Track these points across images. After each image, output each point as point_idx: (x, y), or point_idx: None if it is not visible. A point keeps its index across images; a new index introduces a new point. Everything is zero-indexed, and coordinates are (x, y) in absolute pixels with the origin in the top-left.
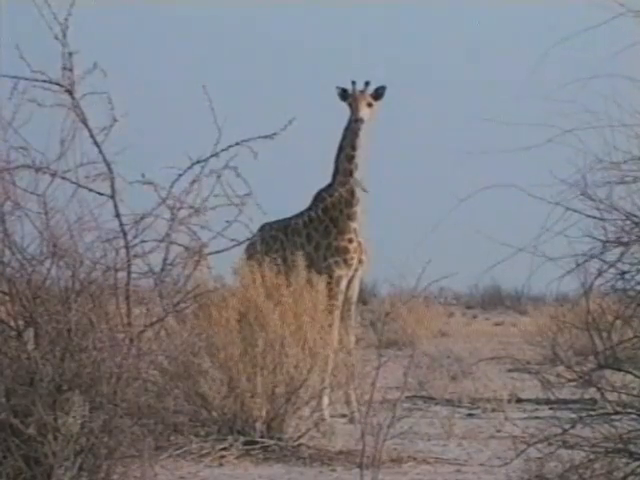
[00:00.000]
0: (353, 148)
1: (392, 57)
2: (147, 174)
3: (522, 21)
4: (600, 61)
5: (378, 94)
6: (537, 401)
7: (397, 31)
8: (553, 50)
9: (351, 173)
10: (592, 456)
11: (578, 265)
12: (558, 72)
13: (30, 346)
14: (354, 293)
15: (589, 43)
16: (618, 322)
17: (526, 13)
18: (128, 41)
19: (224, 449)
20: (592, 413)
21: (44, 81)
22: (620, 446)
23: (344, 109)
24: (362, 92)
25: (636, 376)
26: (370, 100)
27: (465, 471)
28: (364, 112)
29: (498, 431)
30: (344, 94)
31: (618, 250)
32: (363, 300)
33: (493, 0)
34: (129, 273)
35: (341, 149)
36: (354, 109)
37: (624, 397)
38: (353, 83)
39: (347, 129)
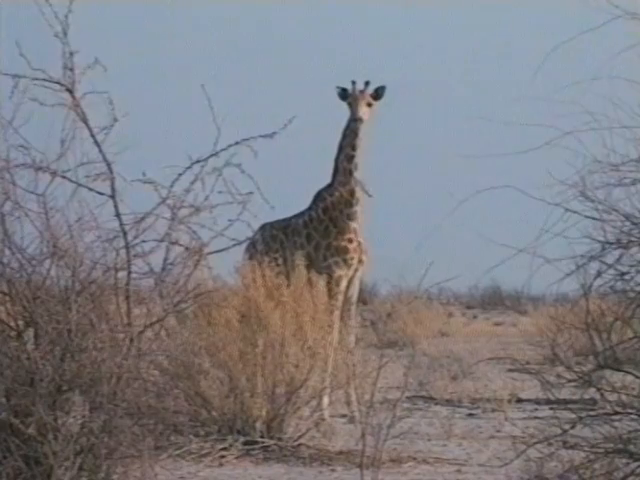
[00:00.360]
0: (353, 148)
1: (393, 57)
2: (147, 174)
3: (521, 22)
4: (598, 63)
5: (378, 94)
6: (537, 401)
7: (398, 31)
8: (552, 54)
9: (351, 173)
10: (592, 456)
11: (578, 267)
12: (557, 74)
13: (30, 346)
14: (354, 293)
15: (587, 45)
16: (618, 323)
17: (525, 14)
18: (128, 40)
19: (224, 449)
20: (592, 413)
21: (45, 80)
22: (620, 446)
23: (344, 109)
24: (362, 92)
25: (636, 376)
26: (370, 100)
27: (465, 471)
28: (363, 112)
29: (498, 431)
30: (344, 94)
31: (617, 251)
32: (363, 300)
33: (493, 1)
34: (129, 273)
35: (341, 149)
36: (353, 109)
37: (624, 397)
38: (353, 83)
39: (347, 129)
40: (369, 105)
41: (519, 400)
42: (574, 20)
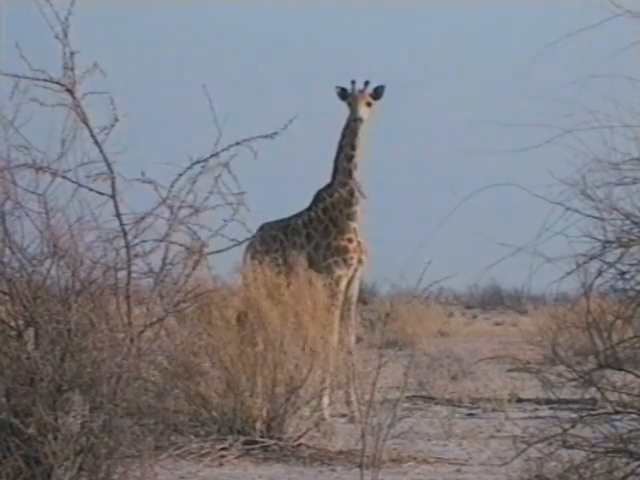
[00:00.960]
0: (352, 148)
1: (393, 56)
2: (147, 174)
3: (521, 21)
4: (599, 61)
5: (377, 94)
6: (537, 401)
7: (398, 31)
8: (552, 51)
9: (350, 173)
10: (592, 456)
11: (578, 266)
12: (557, 73)
13: (30, 346)
14: (354, 293)
15: (587, 43)
16: (618, 322)
17: (525, 13)
18: (128, 40)
19: (224, 449)
20: (592, 413)
21: (45, 80)
22: (620, 446)
23: (344, 109)
24: (361, 91)
25: (636, 376)
26: (369, 99)
27: (465, 471)
28: (363, 111)
29: (498, 431)
30: (344, 93)
31: (618, 250)
32: (363, 300)
33: (493, 0)
34: (129, 273)
35: (340, 149)
36: (353, 108)
37: (624, 397)
38: (352, 83)
39: (346, 128)
40: (368, 105)
41: (519, 400)
42: (575, 18)
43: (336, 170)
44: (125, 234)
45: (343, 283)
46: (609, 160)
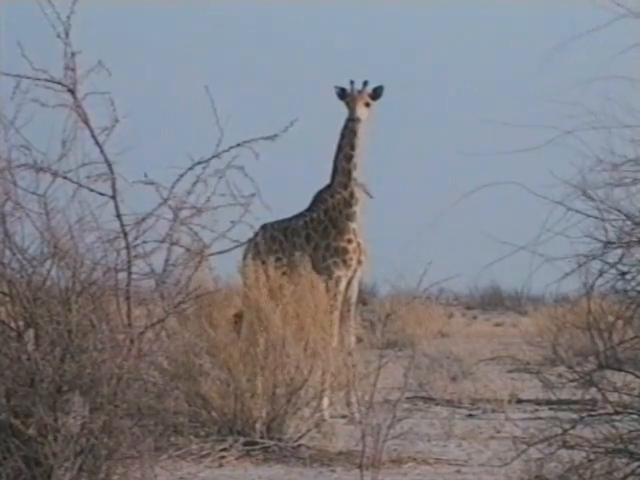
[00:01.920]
0: (352, 148)
1: (394, 55)
2: (148, 175)
3: (524, 21)
4: (600, 62)
5: (376, 94)
6: (537, 401)
7: (399, 30)
8: (555, 52)
9: (350, 173)
10: (592, 456)
11: (579, 266)
12: (560, 73)
13: (30, 347)
14: (353, 294)
15: (590, 44)
16: (619, 322)
17: (528, 13)
18: (130, 41)
19: (224, 450)
20: (592, 413)
21: (46, 80)
22: (620, 446)
23: (344, 109)
24: (360, 92)
25: (637, 376)
26: (367, 100)
27: (465, 472)
28: (361, 111)
29: (498, 432)
30: (342, 93)
31: (619, 251)
32: (363, 301)
33: (495, 0)
34: (130, 274)
35: (340, 149)
36: (351, 109)
37: (625, 397)
38: (351, 83)
39: (345, 129)
40: (367, 105)
41: (519, 400)
42: (576, 18)
43: (335, 170)
44: (126, 235)
45: (342, 284)
46: (610, 160)
